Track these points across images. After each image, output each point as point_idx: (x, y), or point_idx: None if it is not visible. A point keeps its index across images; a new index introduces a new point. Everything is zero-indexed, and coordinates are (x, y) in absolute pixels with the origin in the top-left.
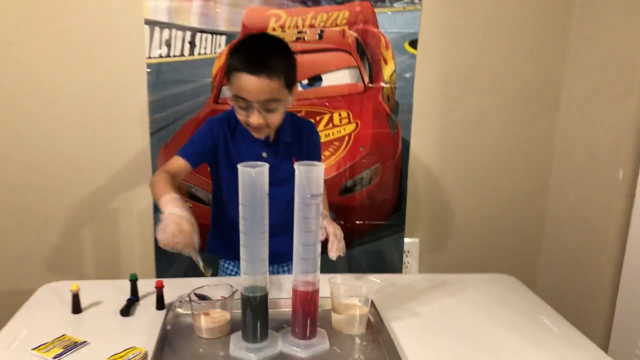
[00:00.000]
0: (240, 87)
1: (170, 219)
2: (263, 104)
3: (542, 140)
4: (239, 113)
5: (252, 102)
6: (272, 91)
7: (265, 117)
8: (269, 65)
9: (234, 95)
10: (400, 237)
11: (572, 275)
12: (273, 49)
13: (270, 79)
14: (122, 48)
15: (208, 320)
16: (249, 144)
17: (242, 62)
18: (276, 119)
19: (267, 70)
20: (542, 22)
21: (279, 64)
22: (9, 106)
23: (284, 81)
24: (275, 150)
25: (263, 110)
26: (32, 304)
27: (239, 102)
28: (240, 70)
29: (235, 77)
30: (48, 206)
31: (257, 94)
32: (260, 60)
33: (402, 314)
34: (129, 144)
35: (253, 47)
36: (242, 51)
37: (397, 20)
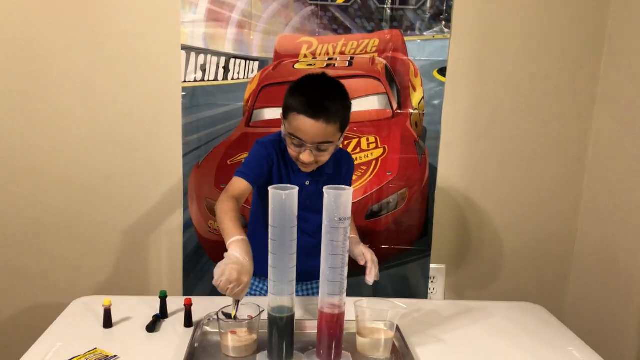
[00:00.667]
0: (298, 128)
1: (234, 266)
2: (316, 145)
3: (572, 169)
4: (291, 149)
5: (306, 142)
6: (327, 135)
7: (316, 155)
8: (327, 110)
9: (289, 134)
10: (426, 262)
11: (601, 305)
12: (332, 93)
13: (327, 124)
14: (159, 72)
15: (235, 339)
16: (295, 172)
17: (302, 104)
18: (325, 158)
19: (326, 115)
20: (572, 51)
21: (337, 109)
22: (49, 128)
23: (339, 126)
24: (317, 180)
25: (315, 150)
26: (66, 317)
27: (293, 139)
28: (299, 112)
29: (294, 117)
30: (83, 224)
31: (313, 137)
32: (320, 105)
33: (427, 340)
34: (162, 164)
35: (313, 89)
36: (302, 93)
37: (426, 48)
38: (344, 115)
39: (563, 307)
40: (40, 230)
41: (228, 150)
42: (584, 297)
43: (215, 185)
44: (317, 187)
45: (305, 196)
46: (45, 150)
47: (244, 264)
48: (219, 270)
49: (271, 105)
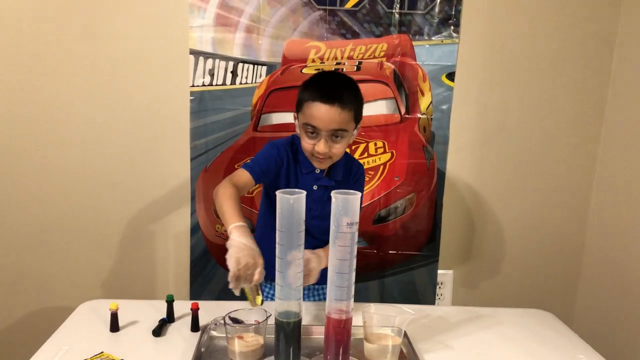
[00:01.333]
0: (313, 115)
1: (247, 252)
2: (331, 133)
3: (581, 174)
4: (306, 142)
5: (321, 130)
6: (342, 121)
7: (331, 146)
8: (342, 97)
9: (303, 124)
10: (433, 268)
11: (611, 311)
12: (347, 83)
13: (342, 109)
14: (167, 76)
15: (241, 344)
16: (304, 175)
17: (316, 92)
18: (340, 150)
19: (340, 101)
20: (581, 55)
21: (350, 97)
22: (56, 131)
23: (353, 114)
24: (326, 186)
25: (330, 140)
26: (73, 321)
27: (307, 129)
28: (314, 99)
29: (308, 106)
30: (89, 227)
31: (328, 122)
32: (334, 91)
33: (435, 347)
34: (170, 168)
35: (327, 80)
36: (316, 84)
37: (434, 53)
38: (357, 105)
39: (572, 313)
40: (47, 234)
41: (235, 154)
42: (593, 303)
43: None
44: (325, 192)
45: (311, 201)
46: (53, 154)
47: (253, 247)
48: (233, 260)
49: (279, 110)
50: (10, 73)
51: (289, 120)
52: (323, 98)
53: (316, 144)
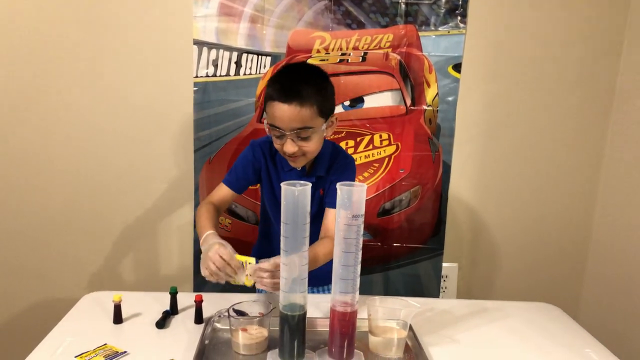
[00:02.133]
0: (274, 115)
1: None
2: (296, 133)
3: (588, 167)
4: (275, 142)
5: (284, 130)
6: (304, 119)
7: (300, 145)
8: (300, 93)
9: (268, 124)
10: (438, 261)
11: (617, 305)
12: (307, 77)
13: (301, 107)
14: (171, 67)
15: (245, 336)
16: (285, 173)
17: (275, 90)
18: (311, 148)
19: (299, 98)
20: (590, 48)
21: (311, 92)
22: (58, 122)
23: (316, 109)
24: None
25: (296, 139)
26: (76, 313)
27: (273, 130)
28: (273, 98)
29: (269, 105)
30: (93, 219)
31: (288, 122)
32: (292, 88)
33: (440, 340)
34: (173, 160)
35: (287, 76)
36: (277, 80)
37: (441, 43)
38: (320, 99)
39: (577, 306)
40: (50, 226)
41: (239, 146)
42: (598, 296)
43: None
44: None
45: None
46: (55, 146)
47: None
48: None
49: None
50: (9, 64)
51: None
52: (280, 97)
53: (284, 143)
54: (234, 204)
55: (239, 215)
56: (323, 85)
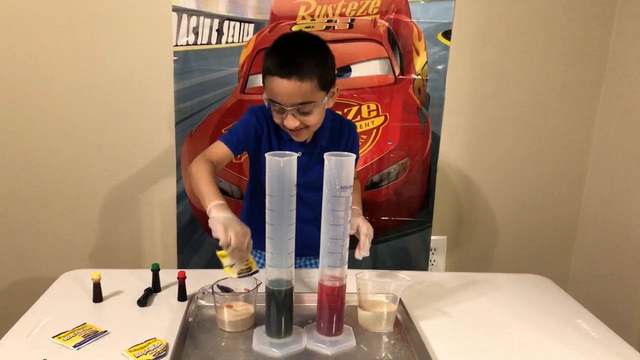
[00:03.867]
0: (273, 91)
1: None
2: (296, 108)
3: (578, 137)
4: (275, 117)
5: (284, 105)
6: (305, 94)
7: (302, 119)
8: (300, 67)
9: (268, 99)
10: (427, 234)
11: (606, 275)
12: (306, 49)
13: (302, 82)
14: (149, 35)
15: (231, 313)
16: (286, 141)
17: (273, 65)
18: (314, 121)
19: (299, 73)
20: (583, 16)
21: (311, 65)
22: (32, 94)
23: (317, 82)
24: (311, 153)
25: (297, 114)
26: (54, 292)
27: (273, 105)
28: (272, 73)
29: (268, 80)
30: (71, 195)
31: (289, 98)
32: (291, 62)
33: (431, 313)
34: (154, 133)
35: (285, 48)
36: (274, 53)
37: (430, 10)
38: (321, 71)
39: (566, 277)
40: (27, 203)
41: (222, 117)
42: (587, 267)
43: None
44: (311, 159)
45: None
46: (30, 120)
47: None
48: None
49: None
50: None
51: None
52: (279, 71)
53: (284, 118)
54: (219, 178)
55: (224, 190)
56: (323, 57)
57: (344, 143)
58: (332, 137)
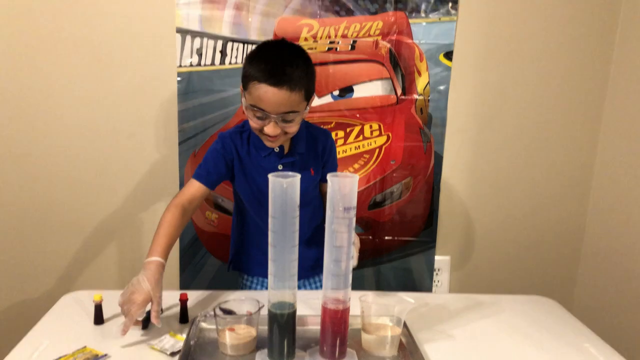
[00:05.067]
0: (260, 98)
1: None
2: (281, 116)
3: (582, 157)
4: (254, 122)
5: (270, 114)
6: (292, 104)
7: (283, 127)
8: (291, 78)
9: (250, 105)
10: (430, 254)
11: (613, 297)
12: (295, 59)
13: (291, 92)
14: (153, 56)
15: (233, 336)
16: (264, 158)
17: (262, 72)
18: (294, 129)
19: (289, 83)
20: (584, 36)
21: (300, 76)
22: (36, 114)
23: (304, 93)
24: (292, 163)
25: (280, 122)
26: (54, 314)
27: (255, 111)
28: (260, 80)
29: (254, 87)
30: (73, 214)
31: (276, 106)
32: (282, 72)
33: (435, 336)
34: (157, 153)
35: (273, 56)
36: (262, 60)
37: (432, 31)
38: (307, 82)
39: (571, 299)
40: (30, 223)
41: None
42: (593, 289)
43: None
44: (292, 168)
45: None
46: (34, 139)
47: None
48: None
49: None
50: None
51: None
52: (270, 80)
53: (265, 125)
54: (221, 198)
55: (226, 210)
56: (310, 69)
57: (321, 148)
58: (308, 145)
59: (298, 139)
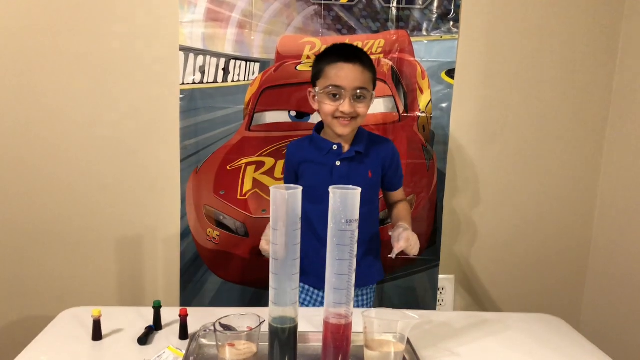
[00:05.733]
0: (338, 75)
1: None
2: (354, 92)
3: (586, 173)
4: (329, 105)
5: (345, 89)
6: (365, 80)
7: (355, 106)
8: (363, 57)
9: (326, 88)
10: (434, 273)
11: (620, 315)
12: (361, 49)
13: (363, 68)
14: (156, 74)
15: (233, 352)
16: (324, 156)
17: (337, 55)
18: (363, 111)
19: (361, 60)
20: (585, 51)
21: (369, 60)
22: (38, 130)
23: (372, 76)
24: (350, 159)
25: (354, 99)
26: (52, 330)
27: (331, 91)
28: (335, 61)
29: (331, 68)
30: (73, 230)
31: (352, 81)
32: (355, 52)
33: (440, 354)
34: (159, 169)
35: (344, 45)
36: (335, 49)
37: (434, 49)
38: (374, 70)
39: (578, 318)
40: (29, 238)
41: (228, 155)
42: (599, 307)
43: (214, 192)
44: (350, 166)
45: (337, 177)
46: (37, 155)
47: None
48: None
49: (273, 109)
50: None
51: (283, 119)
52: (346, 58)
53: (340, 104)
54: (222, 215)
55: (228, 227)
56: (373, 62)
57: (383, 153)
58: (368, 147)
59: (358, 140)
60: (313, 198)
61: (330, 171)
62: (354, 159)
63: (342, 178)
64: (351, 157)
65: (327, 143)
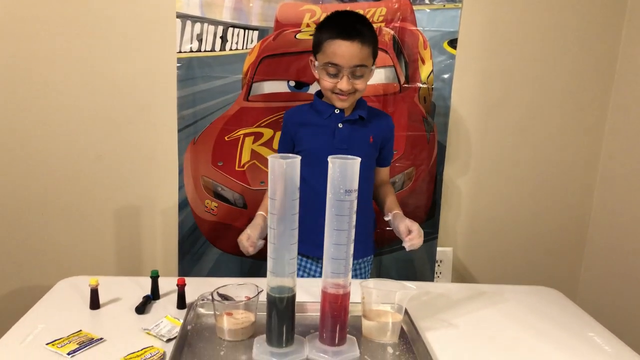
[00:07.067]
0: (335, 52)
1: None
2: (352, 69)
3: (588, 143)
4: (327, 80)
5: (343, 67)
6: (363, 57)
7: (353, 83)
8: (362, 33)
9: (324, 64)
10: (432, 245)
11: (618, 287)
12: (362, 20)
13: (362, 45)
14: (152, 42)
15: (231, 321)
16: (325, 119)
17: (335, 30)
18: (362, 86)
19: (360, 36)
20: (591, 20)
21: (369, 33)
22: (33, 100)
23: (372, 50)
24: (352, 122)
25: (351, 77)
26: (50, 298)
27: (329, 68)
28: (334, 37)
29: (328, 44)
30: (71, 200)
31: (350, 59)
32: (353, 28)
33: (437, 325)
34: (156, 140)
35: (344, 18)
36: (334, 22)
37: (436, 18)
38: (374, 41)
39: (575, 292)
40: (28, 210)
41: (226, 125)
42: (598, 279)
43: (212, 163)
44: (352, 128)
45: (340, 139)
46: (32, 126)
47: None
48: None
49: (271, 78)
50: None
51: (282, 89)
52: (344, 35)
53: (338, 82)
54: (220, 187)
55: (226, 199)
56: (374, 32)
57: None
58: (370, 115)
59: (359, 106)
60: (313, 162)
61: (332, 133)
62: (356, 122)
63: (344, 141)
64: (354, 120)
65: (329, 107)
